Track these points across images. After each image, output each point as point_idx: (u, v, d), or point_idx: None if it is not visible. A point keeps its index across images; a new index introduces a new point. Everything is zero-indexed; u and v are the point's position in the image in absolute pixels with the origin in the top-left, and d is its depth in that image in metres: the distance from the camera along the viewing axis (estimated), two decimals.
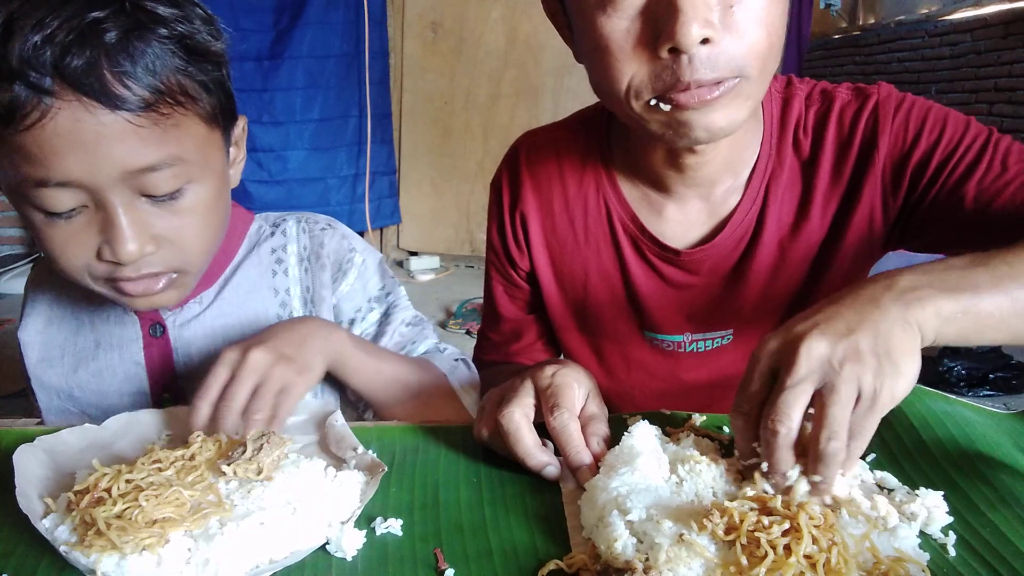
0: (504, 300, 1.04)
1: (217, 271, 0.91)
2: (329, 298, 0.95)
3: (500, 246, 1.01)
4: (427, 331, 1.00)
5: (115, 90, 0.66)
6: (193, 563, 0.51)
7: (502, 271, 1.02)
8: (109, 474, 0.56)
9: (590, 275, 0.95)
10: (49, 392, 0.92)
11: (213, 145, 0.78)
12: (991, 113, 3.52)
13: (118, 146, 0.68)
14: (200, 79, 0.74)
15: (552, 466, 0.65)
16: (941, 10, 4.06)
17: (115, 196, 0.70)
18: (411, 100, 4.36)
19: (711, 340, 0.94)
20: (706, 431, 0.71)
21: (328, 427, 0.72)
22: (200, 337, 0.89)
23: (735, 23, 0.67)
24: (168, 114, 0.70)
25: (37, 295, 0.94)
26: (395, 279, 1.01)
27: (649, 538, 0.52)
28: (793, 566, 0.47)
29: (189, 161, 0.73)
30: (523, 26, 4.17)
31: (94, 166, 0.68)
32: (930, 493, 0.58)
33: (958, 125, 0.83)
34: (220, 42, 0.76)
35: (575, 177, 0.94)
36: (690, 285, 0.91)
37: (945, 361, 2.87)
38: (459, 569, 0.54)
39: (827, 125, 0.87)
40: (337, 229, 0.98)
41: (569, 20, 0.78)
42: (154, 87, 0.69)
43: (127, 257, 0.72)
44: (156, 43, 0.69)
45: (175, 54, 0.71)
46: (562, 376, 0.68)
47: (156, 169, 0.70)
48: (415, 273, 4.37)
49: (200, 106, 0.74)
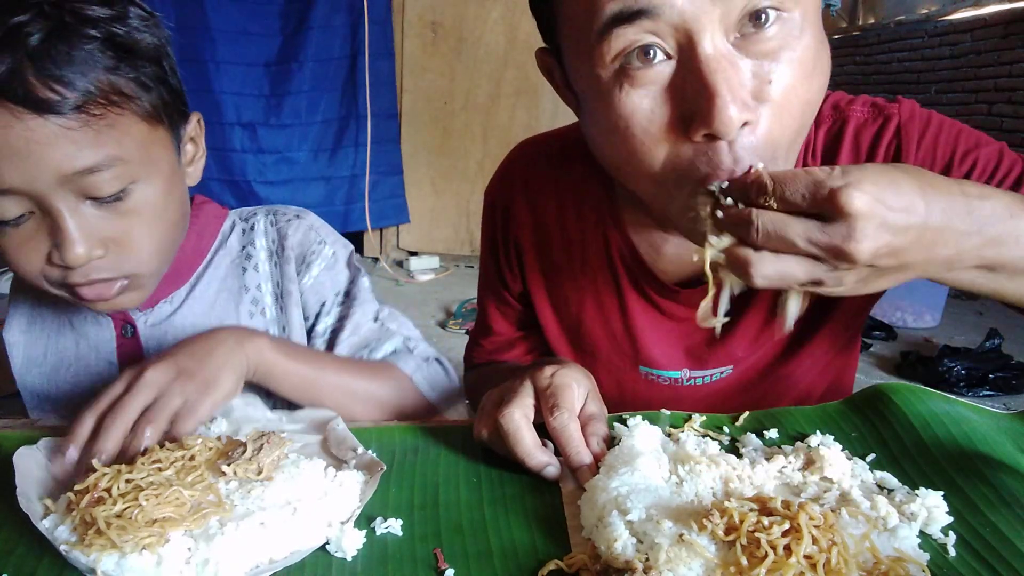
0: (496, 316, 1.01)
1: (188, 271, 0.90)
2: (295, 292, 0.92)
3: (493, 267, 0.98)
4: (396, 326, 0.95)
5: (41, 95, 0.65)
6: (193, 563, 0.51)
7: (493, 289, 1.00)
8: (109, 474, 0.56)
9: (586, 304, 0.92)
10: (31, 395, 0.92)
11: (158, 143, 0.76)
12: (991, 113, 3.52)
13: (51, 151, 0.66)
14: (135, 77, 0.72)
15: (552, 466, 0.64)
16: (941, 10, 4.06)
17: (58, 201, 0.69)
18: (411, 100, 4.36)
19: (710, 376, 0.91)
20: (706, 431, 0.71)
21: (329, 431, 0.72)
22: (171, 338, 0.88)
23: (774, 103, 0.59)
24: (101, 115, 0.69)
25: (20, 296, 0.94)
26: (364, 273, 0.97)
27: (649, 538, 0.52)
28: (793, 566, 0.47)
29: (130, 161, 0.71)
30: (523, 26, 4.17)
31: (29, 172, 0.67)
32: (930, 493, 0.58)
33: (991, 155, 0.76)
34: (158, 38, 0.75)
35: (574, 205, 0.89)
36: (688, 319, 0.87)
37: (945, 361, 2.88)
38: (459, 569, 0.54)
39: (839, 147, 0.80)
40: (304, 220, 0.95)
41: (568, 82, 0.71)
42: (83, 89, 0.67)
43: (75, 261, 0.71)
44: (83, 44, 0.68)
45: (104, 53, 0.69)
46: (561, 376, 0.68)
47: (95, 171, 0.69)
48: (415, 273, 4.37)
49: (138, 104, 0.72)
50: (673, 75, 0.60)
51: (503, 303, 1.00)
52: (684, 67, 0.59)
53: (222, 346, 0.73)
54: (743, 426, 0.73)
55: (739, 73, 0.58)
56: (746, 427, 0.73)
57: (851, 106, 0.81)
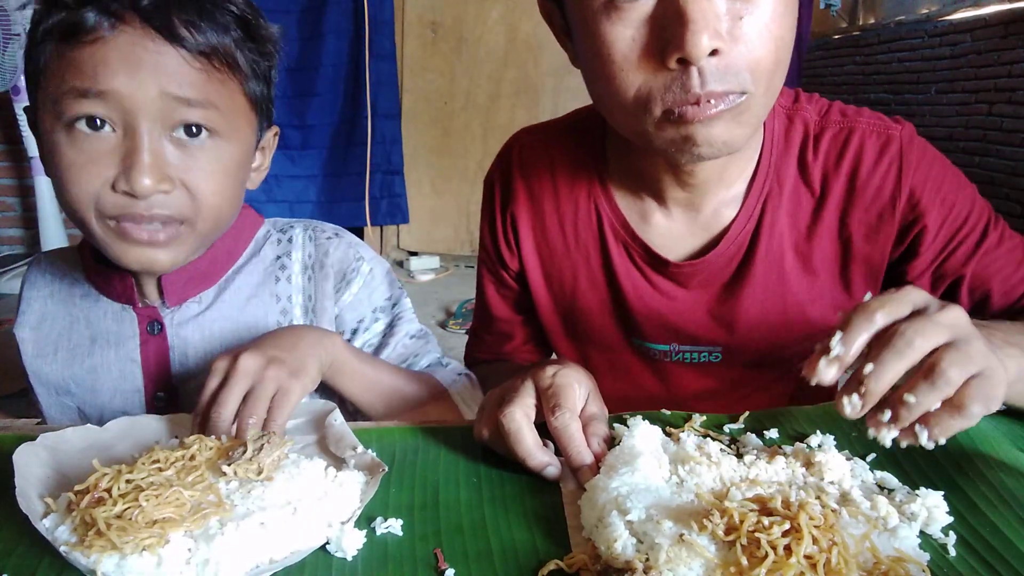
0: (495, 299, 1.03)
1: (219, 271, 0.91)
2: (331, 309, 0.94)
3: (491, 245, 1.00)
4: (431, 345, 0.99)
5: (176, 30, 0.74)
6: (193, 563, 0.51)
7: (493, 270, 1.02)
8: (109, 474, 0.56)
9: (579, 280, 0.94)
10: (47, 387, 0.92)
11: (246, 123, 0.83)
12: (991, 113, 3.52)
13: (164, 70, 0.73)
14: (252, 60, 0.81)
15: (553, 466, 0.64)
16: (941, 10, 4.06)
17: (146, 122, 0.73)
18: (411, 100, 4.36)
19: (698, 353, 0.93)
20: (706, 431, 0.71)
21: (327, 426, 0.72)
22: (198, 338, 0.89)
23: (743, 35, 0.65)
24: (217, 68, 0.77)
25: (32, 292, 0.94)
26: (402, 290, 1.01)
27: (649, 538, 0.52)
28: (793, 566, 0.47)
29: (222, 113, 0.78)
30: (523, 26, 4.17)
31: (136, 80, 0.72)
32: (930, 493, 0.58)
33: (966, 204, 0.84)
34: (275, 49, 0.85)
35: (567, 180, 0.93)
36: (678, 297, 0.90)
37: None
38: (459, 569, 0.54)
39: (845, 153, 0.84)
40: (344, 238, 0.98)
41: (567, 24, 0.77)
42: (211, 41, 0.76)
43: (142, 189, 0.73)
44: (221, 11, 0.77)
45: (234, 28, 0.78)
46: (563, 376, 0.68)
47: (192, 104, 0.75)
48: (415, 273, 4.37)
49: (246, 84, 0.81)
50: (655, 7, 0.66)
51: (502, 285, 1.02)
52: (665, 1, 0.65)
53: (306, 338, 0.78)
54: (743, 426, 0.73)
55: (713, 5, 0.64)
56: (746, 427, 0.73)
57: (858, 118, 0.86)
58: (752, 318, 0.89)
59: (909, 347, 0.54)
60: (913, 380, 0.55)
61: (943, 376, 0.54)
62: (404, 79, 4.32)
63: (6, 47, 3.29)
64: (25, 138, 3.72)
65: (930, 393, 0.54)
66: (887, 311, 0.56)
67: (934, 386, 0.54)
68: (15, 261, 4.18)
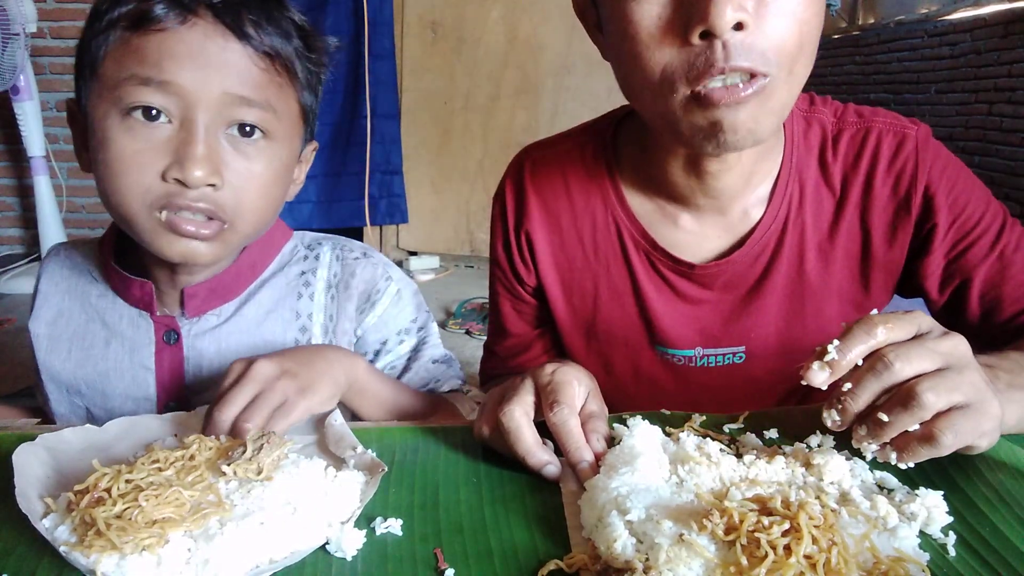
0: (512, 316, 1.03)
1: (243, 285, 0.90)
2: (352, 330, 0.94)
3: (506, 263, 0.99)
4: (453, 370, 0.99)
5: (246, 28, 0.75)
6: (193, 563, 0.51)
7: (509, 287, 1.01)
8: (109, 474, 0.56)
9: (600, 291, 0.94)
10: (59, 385, 0.91)
11: (295, 132, 0.84)
12: (991, 113, 3.52)
13: (230, 67, 0.75)
14: (308, 69, 0.83)
15: (552, 465, 0.64)
16: (941, 10, 4.06)
17: (204, 117, 0.74)
18: (411, 100, 4.36)
19: (722, 356, 0.93)
20: (706, 431, 0.71)
21: (327, 426, 0.72)
22: (213, 351, 0.89)
23: (768, 13, 0.66)
24: (280, 73, 0.79)
25: (50, 287, 0.94)
26: (429, 313, 1.01)
27: (649, 538, 0.52)
28: (793, 566, 0.47)
29: (278, 117, 0.80)
30: (523, 26, 4.17)
31: (200, 74, 0.73)
32: (930, 493, 0.58)
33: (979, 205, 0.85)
34: (326, 67, 0.87)
35: (581, 192, 0.93)
36: (703, 300, 0.90)
37: None
38: (459, 569, 0.54)
39: (863, 152, 0.86)
40: (371, 258, 0.97)
41: (599, 16, 0.77)
42: (277, 45, 0.78)
43: (194, 179, 0.74)
44: (285, 21, 0.80)
45: (296, 37, 0.81)
46: (562, 373, 0.68)
47: (250, 103, 0.77)
48: (415, 273, 4.36)
49: (301, 93, 0.83)
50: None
51: (519, 301, 1.01)
52: None
53: (325, 358, 0.78)
54: (743, 426, 0.73)
55: None
56: (746, 427, 0.73)
57: (874, 118, 0.87)
58: (774, 317, 0.90)
59: (888, 370, 0.56)
60: (890, 400, 0.57)
61: (917, 399, 0.55)
62: (404, 79, 4.32)
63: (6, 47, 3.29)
64: (25, 138, 3.71)
65: (902, 414, 0.56)
66: (888, 328, 0.57)
67: (906, 408, 0.56)
68: (15, 261, 4.18)
